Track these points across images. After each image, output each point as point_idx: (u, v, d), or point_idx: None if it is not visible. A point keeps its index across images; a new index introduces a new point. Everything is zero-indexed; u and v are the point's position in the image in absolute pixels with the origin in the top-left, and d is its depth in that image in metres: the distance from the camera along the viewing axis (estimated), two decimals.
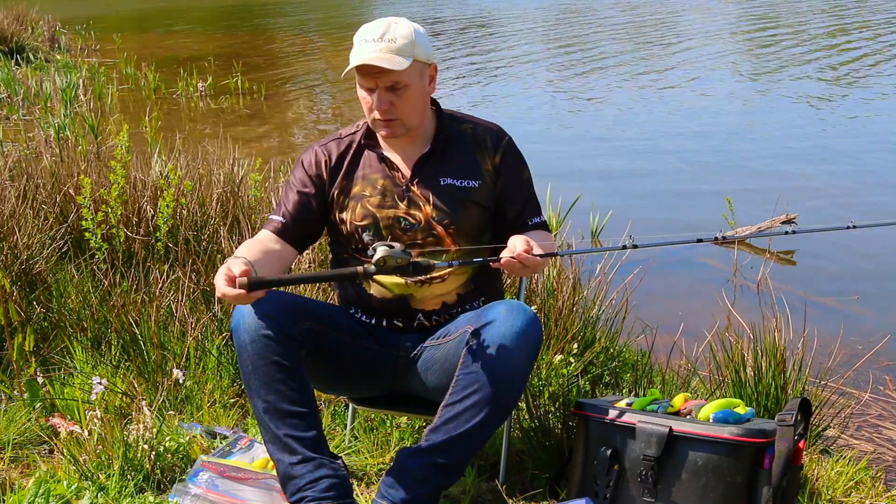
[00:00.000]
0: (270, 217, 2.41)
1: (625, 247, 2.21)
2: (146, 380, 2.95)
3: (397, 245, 2.09)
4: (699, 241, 2.22)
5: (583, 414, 2.38)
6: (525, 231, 2.35)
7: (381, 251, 2.07)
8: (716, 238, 2.22)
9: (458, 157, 2.40)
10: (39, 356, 3.06)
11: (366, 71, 2.25)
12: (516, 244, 2.14)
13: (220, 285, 2.04)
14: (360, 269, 2.11)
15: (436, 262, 2.16)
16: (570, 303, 3.38)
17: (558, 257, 3.89)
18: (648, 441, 2.25)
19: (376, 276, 2.37)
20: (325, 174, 2.41)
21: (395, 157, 2.40)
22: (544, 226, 2.41)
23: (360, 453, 2.69)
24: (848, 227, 2.41)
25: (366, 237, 2.33)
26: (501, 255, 2.14)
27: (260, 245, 2.32)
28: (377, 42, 2.23)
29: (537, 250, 2.12)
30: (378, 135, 2.38)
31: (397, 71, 2.22)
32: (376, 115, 2.29)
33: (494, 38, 16.41)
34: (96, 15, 21.27)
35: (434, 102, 2.43)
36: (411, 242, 2.32)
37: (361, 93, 2.31)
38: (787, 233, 2.43)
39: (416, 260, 2.11)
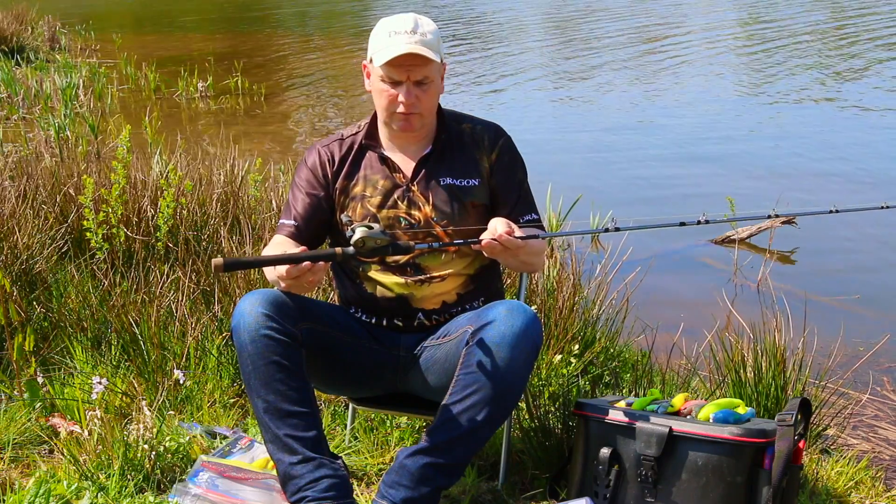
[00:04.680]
0: (282, 222, 2.40)
1: (607, 229, 2.21)
2: (146, 380, 2.95)
3: (376, 226, 2.05)
4: (682, 224, 2.22)
5: (583, 414, 2.38)
6: None
7: (359, 232, 2.01)
8: (698, 221, 2.21)
9: (458, 157, 2.40)
10: (39, 356, 3.06)
11: (400, 62, 2.22)
12: (497, 226, 2.14)
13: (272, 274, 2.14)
14: (338, 249, 2.05)
15: (416, 243, 2.14)
16: (570, 303, 3.38)
17: (557, 257, 3.87)
18: (648, 441, 2.25)
19: (377, 276, 2.37)
20: (329, 174, 2.41)
21: (396, 158, 2.40)
22: (536, 223, 2.39)
23: (360, 453, 2.69)
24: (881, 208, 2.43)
25: (343, 218, 2.29)
26: (482, 237, 2.14)
27: (279, 250, 2.29)
28: (410, 34, 2.21)
29: (518, 233, 2.13)
30: (392, 128, 2.35)
31: (430, 65, 2.22)
32: (401, 108, 2.27)
33: (495, 38, 16.40)
34: (96, 15, 21.25)
35: None
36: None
37: (382, 86, 2.28)
38: (769, 217, 2.43)
39: (397, 242, 2.07)
